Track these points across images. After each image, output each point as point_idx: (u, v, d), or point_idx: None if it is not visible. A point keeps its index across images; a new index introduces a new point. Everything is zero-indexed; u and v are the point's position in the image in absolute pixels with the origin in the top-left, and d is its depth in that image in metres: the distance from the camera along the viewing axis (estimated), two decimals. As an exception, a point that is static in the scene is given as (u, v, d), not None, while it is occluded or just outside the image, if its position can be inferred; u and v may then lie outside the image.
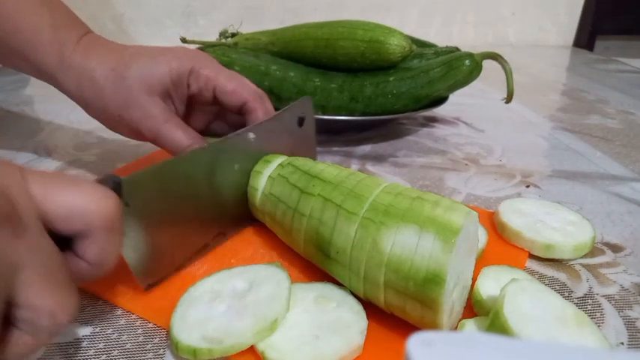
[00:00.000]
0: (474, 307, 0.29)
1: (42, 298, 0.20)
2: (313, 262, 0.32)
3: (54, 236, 0.22)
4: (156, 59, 0.36)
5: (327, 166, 0.34)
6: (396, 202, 0.28)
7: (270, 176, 0.35)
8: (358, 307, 0.28)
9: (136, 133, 0.38)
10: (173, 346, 0.25)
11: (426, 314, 0.25)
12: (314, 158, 0.45)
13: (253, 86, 0.39)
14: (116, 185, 0.26)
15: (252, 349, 0.25)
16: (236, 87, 0.38)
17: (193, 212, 0.33)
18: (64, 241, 0.23)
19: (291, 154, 0.39)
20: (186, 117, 0.41)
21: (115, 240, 0.24)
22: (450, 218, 0.26)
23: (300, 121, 0.42)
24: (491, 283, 0.30)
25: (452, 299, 0.26)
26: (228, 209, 0.36)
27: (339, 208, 0.29)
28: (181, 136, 0.37)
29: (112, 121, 0.38)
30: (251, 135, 0.36)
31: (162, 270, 0.32)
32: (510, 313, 0.24)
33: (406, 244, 0.26)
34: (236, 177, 0.36)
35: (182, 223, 0.33)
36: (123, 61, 0.36)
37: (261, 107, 0.38)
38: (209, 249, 0.35)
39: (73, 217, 0.22)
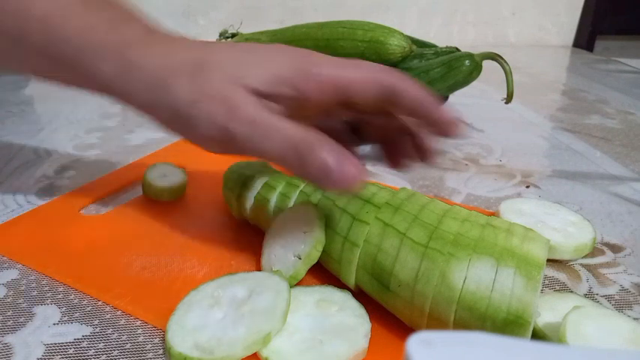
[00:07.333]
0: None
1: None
2: (362, 288, 0.29)
3: None
4: (272, 59, 0.27)
5: (380, 189, 0.31)
6: (465, 230, 0.25)
7: (302, 191, 0.34)
8: (361, 311, 0.27)
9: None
10: (167, 351, 0.25)
11: None
12: None
13: (386, 67, 0.28)
14: None
15: (255, 354, 0.25)
16: (367, 71, 0.27)
17: None
18: None
19: None
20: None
21: None
22: (529, 250, 0.24)
23: None
24: (547, 313, 0.28)
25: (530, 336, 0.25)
26: None
27: (403, 237, 0.26)
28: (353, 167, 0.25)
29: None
30: None
31: None
32: (574, 341, 0.23)
33: (481, 280, 0.23)
34: None
35: None
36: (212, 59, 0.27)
37: (412, 87, 0.27)
38: None
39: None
